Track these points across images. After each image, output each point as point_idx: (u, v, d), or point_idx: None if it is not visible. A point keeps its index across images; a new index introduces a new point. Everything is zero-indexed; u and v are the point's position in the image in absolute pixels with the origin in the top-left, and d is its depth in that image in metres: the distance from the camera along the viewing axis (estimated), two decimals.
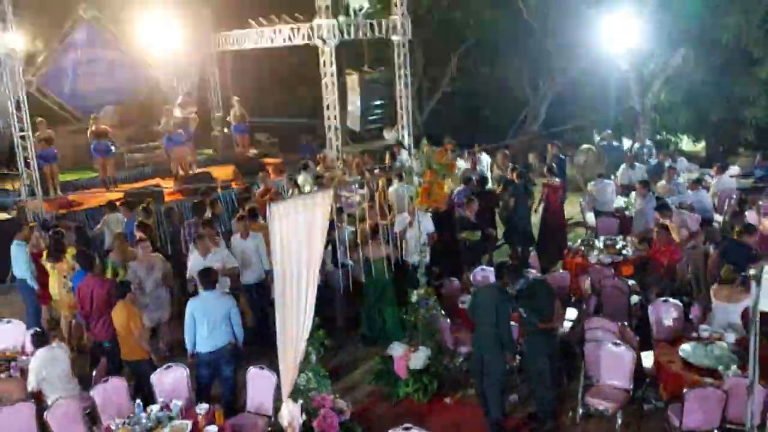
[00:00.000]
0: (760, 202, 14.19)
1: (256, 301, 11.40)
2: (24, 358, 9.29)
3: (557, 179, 14.72)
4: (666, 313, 9.46)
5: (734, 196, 14.58)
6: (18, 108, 15.24)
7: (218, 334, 8.74)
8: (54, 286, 10.99)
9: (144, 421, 7.47)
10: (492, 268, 11.30)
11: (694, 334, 8.87)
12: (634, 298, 10.51)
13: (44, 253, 11.33)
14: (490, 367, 8.54)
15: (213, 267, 9.47)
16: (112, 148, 18.31)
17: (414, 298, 10.01)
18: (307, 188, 14.78)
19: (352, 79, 21.85)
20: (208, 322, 8.66)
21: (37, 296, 11.70)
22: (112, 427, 7.49)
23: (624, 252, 12.08)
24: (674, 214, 12.20)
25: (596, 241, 12.70)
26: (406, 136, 20.45)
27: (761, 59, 19.14)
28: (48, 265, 11.05)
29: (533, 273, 10.35)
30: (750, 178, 16.11)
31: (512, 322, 8.72)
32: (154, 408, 7.73)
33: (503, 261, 9.36)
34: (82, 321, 10.30)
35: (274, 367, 8.17)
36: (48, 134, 17.18)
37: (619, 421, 8.44)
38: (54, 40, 19.98)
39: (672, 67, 20.00)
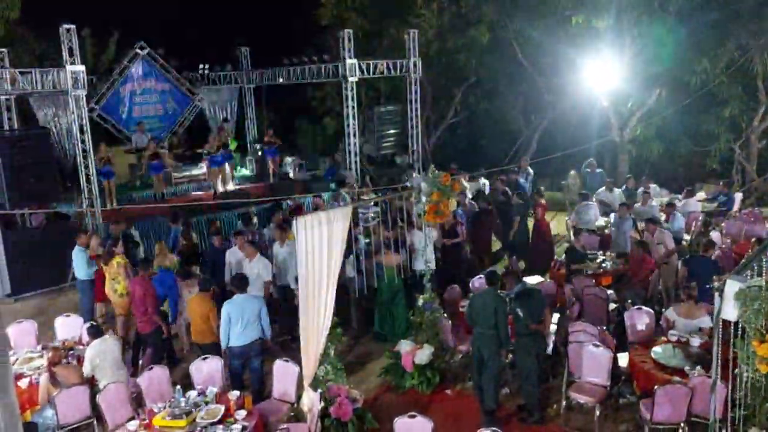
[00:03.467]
0: (723, 224, 14.12)
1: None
2: (81, 347, 9.29)
3: (544, 200, 14.70)
4: (640, 319, 9.38)
5: (700, 218, 14.50)
6: (81, 131, 15.31)
7: (250, 331, 8.73)
8: (106, 287, 10.99)
9: (183, 404, 7.44)
10: None
11: (664, 338, 8.78)
12: (612, 306, 10.43)
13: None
14: (488, 363, 8.49)
15: (245, 274, 9.48)
16: (164, 166, 18.44)
17: (420, 301, 10.00)
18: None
19: (370, 111, 21.89)
20: (242, 320, 8.66)
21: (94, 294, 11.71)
22: (155, 410, 7.46)
23: (603, 265, 12.00)
24: (657, 231, 12.09)
25: None
26: (415, 161, 20.49)
27: (725, 100, 19.10)
28: (104, 268, 11.08)
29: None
30: (714, 202, 16.00)
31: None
32: (192, 394, 7.71)
33: (493, 270, 9.30)
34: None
35: (297, 359, 8.17)
36: (107, 155, 17.27)
37: (598, 413, 8.33)
38: (114, 73, 20.10)
39: (647, 105, 19.94)
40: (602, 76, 19.14)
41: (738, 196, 16.33)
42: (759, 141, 20.01)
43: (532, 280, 11.14)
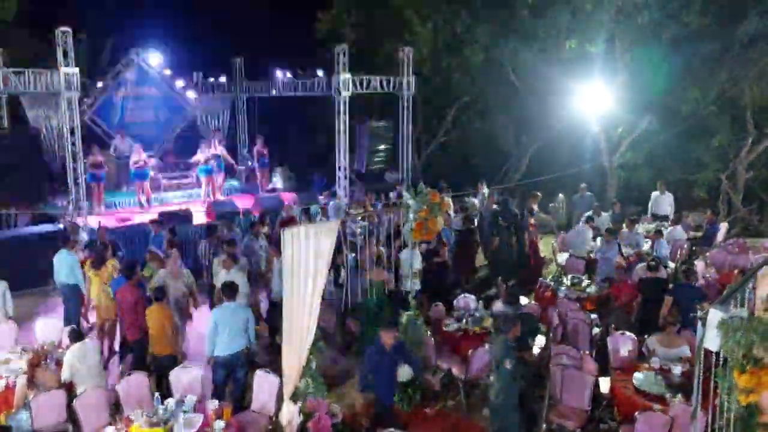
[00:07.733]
0: (708, 253, 14.18)
1: None
2: (60, 351, 9.17)
3: (533, 219, 14.77)
4: (622, 344, 9.38)
5: (685, 246, 14.56)
6: (72, 134, 15.23)
7: (236, 341, 8.66)
8: (95, 292, 10.86)
9: (161, 412, 7.36)
10: (472, 296, 11.29)
11: (646, 365, 8.78)
12: (595, 330, 10.43)
13: (87, 262, 11.25)
14: None
15: (235, 281, 9.41)
16: (150, 173, 18.35)
17: (404, 318, 9.94)
18: None
19: (361, 127, 21.94)
20: (230, 329, 8.59)
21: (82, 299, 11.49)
22: (132, 417, 7.37)
23: (588, 289, 12.02)
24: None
25: (564, 279, 12.65)
26: (404, 179, 20.51)
27: (715, 129, 19.27)
28: (90, 273, 10.95)
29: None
30: (700, 231, 16.09)
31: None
32: (171, 402, 7.63)
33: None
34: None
35: (277, 371, 8.11)
36: (98, 159, 17.18)
37: None
38: (108, 77, 20.04)
39: (637, 131, 20.10)
40: (594, 101, 19.29)
41: (723, 226, 16.43)
42: (746, 172, 20.17)
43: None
